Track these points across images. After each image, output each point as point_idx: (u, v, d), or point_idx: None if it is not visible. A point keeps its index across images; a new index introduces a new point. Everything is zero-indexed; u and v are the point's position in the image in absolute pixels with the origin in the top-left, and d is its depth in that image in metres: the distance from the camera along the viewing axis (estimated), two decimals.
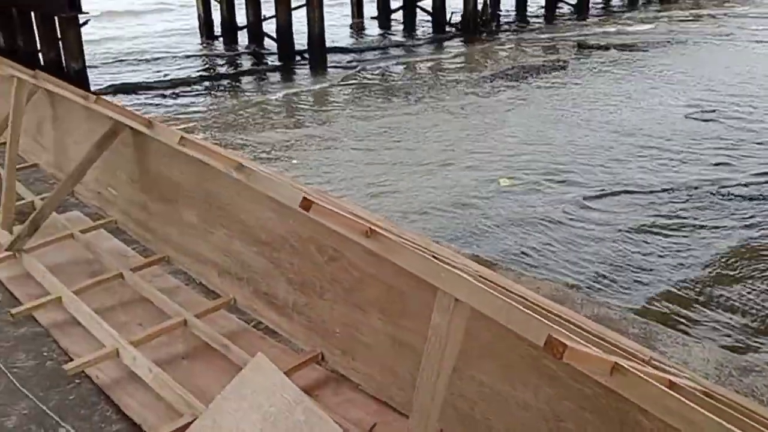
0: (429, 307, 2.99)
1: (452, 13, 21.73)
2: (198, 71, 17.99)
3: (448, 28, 21.67)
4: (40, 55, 15.72)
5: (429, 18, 22.06)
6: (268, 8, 18.98)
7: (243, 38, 20.40)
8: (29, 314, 3.99)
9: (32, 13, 15.68)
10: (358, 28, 23.30)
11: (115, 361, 3.53)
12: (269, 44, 19.33)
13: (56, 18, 14.74)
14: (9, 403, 3.40)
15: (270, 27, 18.89)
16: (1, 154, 6.14)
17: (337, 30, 22.18)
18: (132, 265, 4.36)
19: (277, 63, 18.26)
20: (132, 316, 4.01)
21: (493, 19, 22.68)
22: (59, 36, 14.94)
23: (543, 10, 24.84)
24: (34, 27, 15.82)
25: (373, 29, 23.23)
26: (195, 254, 4.15)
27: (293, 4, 17.66)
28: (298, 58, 18.18)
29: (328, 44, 18.27)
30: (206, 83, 16.77)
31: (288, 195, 3.01)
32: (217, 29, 20.83)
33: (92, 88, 14.72)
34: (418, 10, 22.59)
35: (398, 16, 23.20)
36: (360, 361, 3.35)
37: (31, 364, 3.68)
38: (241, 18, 20.09)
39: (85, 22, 15.15)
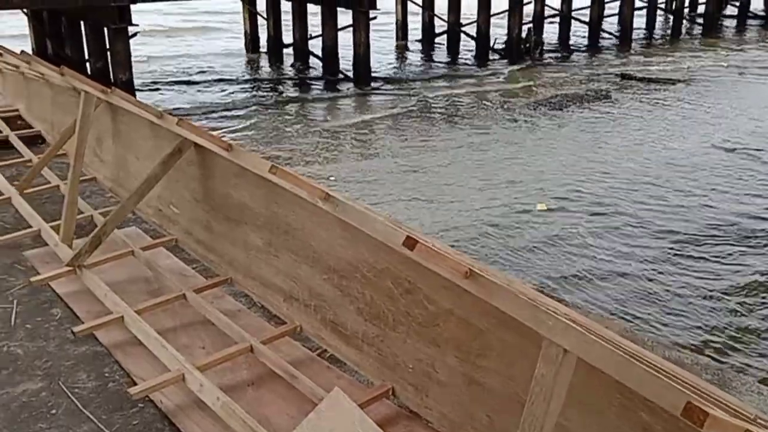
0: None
1: (495, 39, 21.68)
2: (243, 92, 18.01)
3: (491, 54, 21.61)
4: (87, 64, 15.95)
5: (472, 42, 22.02)
6: (315, 29, 19.08)
7: (287, 56, 20.51)
8: (90, 333, 3.94)
9: (82, 23, 15.94)
10: (401, 50, 23.35)
11: (180, 386, 3.45)
12: (314, 62, 19.42)
13: (105, 29, 14.95)
14: (71, 425, 3.32)
15: (315, 47, 18.96)
16: (58, 165, 6.20)
17: (381, 51, 22.23)
18: (194, 286, 4.28)
19: (321, 84, 18.28)
20: (194, 338, 3.93)
21: (537, 46, 22.58)
22: (108, 47, 15.14)
23: (586, 40, 24.70)
24: (83, 37, 16.07)
25: (416, 52, 23.26)
26: (260, 278, 4.06)
27: (339, 24, 17.78)
28: (341, 77, 18.24)
29: (372, 65, 18.32)
30: (251, 106, 16.66)
31: (386, 231, 2.92)
32: (263, 48, 21.02)
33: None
34: (462, 34, 22.58)
35: (442, 39, 23.22)
36: (433, 398, 3.23)
37: (92, 385, 3.61)
38: (284, 35, 20.19)
39: (134, 34, 15.34)
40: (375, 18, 17.47)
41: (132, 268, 4.69)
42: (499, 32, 22.01)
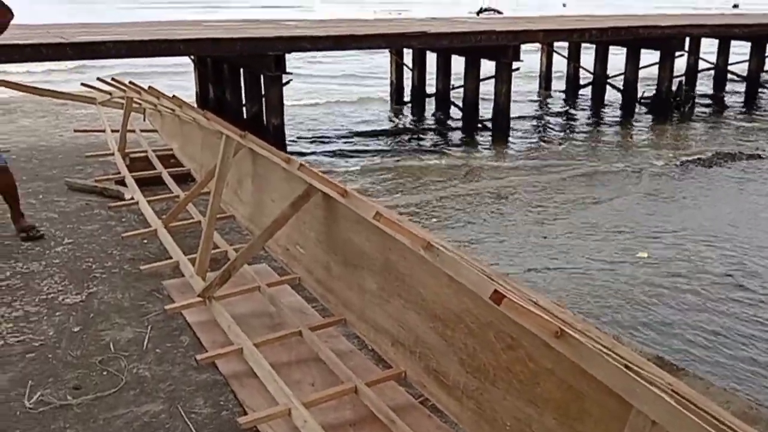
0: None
1: (644, 91, 21.03)
2: (385, 144, 18.27)
3: (638, 108, 20.96)
4: (244, 109, 17.07)
5: (617, 95, 21.49)
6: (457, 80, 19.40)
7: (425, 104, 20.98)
8: (212, 362, 4.21)
9: (241, 71, 17.12)
10: (544, 101, 23.21)
11: (286, 420, 3.61)
12: (454, 111, 19.70)
13: (262, 76, 15.95)
14: None
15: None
16: (204, 203, 6.69)
17: (523, 101, 22.18)
18: (310, 324, 4.48)
19: (461, 135, 18.42)
20: (306, 375, 4.10)
21: (688, 100, 21.64)
22: (263, 93, 16.13)
23: (743, 96, 23.40)
24: (242, 83, 17.24)
25: (559, 103, 23.01)
26: (371, 321, 4.19)
27: (482, 75, 17.98)
28: (480, 126, 18.36)
29: (513, 115, 18.32)
30: (390, 160, 16.78)
31: (477, 283, 2.96)
32: (407, 98, 21.67)
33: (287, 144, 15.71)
34: (607, 86, 22.12)
35: (586, 91, 22.84)
36: None
37: (207, 411, 3.85)
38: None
39: (288, 82, 16.24)
40: (518, 69, 17.51)
41: (257, 302, 4.98)
42: (647, 86, 21.32)
